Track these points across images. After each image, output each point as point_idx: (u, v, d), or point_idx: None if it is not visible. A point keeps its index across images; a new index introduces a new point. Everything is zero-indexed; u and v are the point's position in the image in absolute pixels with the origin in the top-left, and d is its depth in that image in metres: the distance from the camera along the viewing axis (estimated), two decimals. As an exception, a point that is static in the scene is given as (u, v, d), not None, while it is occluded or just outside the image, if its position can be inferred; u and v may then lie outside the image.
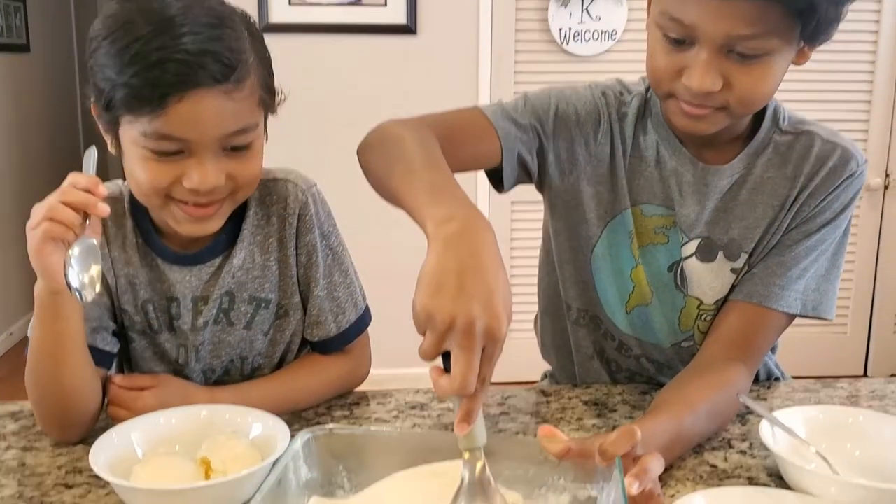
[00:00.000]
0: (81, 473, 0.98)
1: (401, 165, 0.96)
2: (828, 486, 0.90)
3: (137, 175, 1.00)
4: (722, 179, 1.17)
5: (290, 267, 1.15)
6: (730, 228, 1.18)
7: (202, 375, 1.17)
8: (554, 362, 1.46)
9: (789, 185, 1.16)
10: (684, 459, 1.03)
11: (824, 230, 1.15)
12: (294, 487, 0.83)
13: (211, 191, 1.00)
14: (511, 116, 1.17)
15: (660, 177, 1.19)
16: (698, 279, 1.20)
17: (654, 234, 1.20)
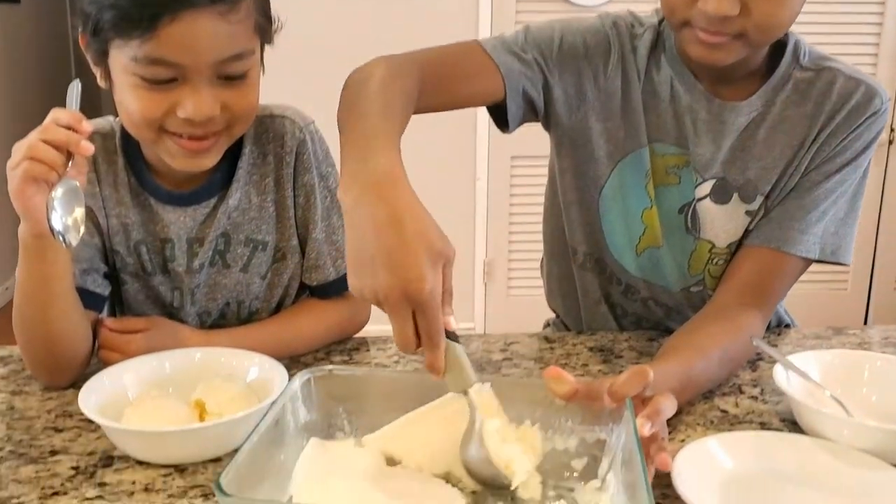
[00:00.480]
0: (72, 417, 0.95)
1: (353, 112, 0.91)
2: (842, 429, 0.87)
3: (129, 106, 0.95)
4: (739, 117, 1.11)
5: (287, 208, 1.11)
6: (746, 169, 1.13)
7: (197, 319, 1.13)
8: (560, 308, 1.43)
9: (809, 123, 1.11)
10: (694, 405, 1.00)
11: (845, 170, 1.11)
12: (292, 429, 0.80)
13: (206, 121, 0.94)
14: (513, 50, 1.11)
15: (673, 114, 1.13)
16: (711, 221, 1.16)
17: (665, 174, 1.16)
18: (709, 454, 0.85)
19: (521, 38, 1.13)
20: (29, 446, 0.89)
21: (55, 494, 0.80)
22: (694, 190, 1.15)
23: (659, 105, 1.14)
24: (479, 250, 3.21)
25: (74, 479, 0.83)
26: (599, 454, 0.80)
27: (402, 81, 0.97)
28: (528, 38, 1.13)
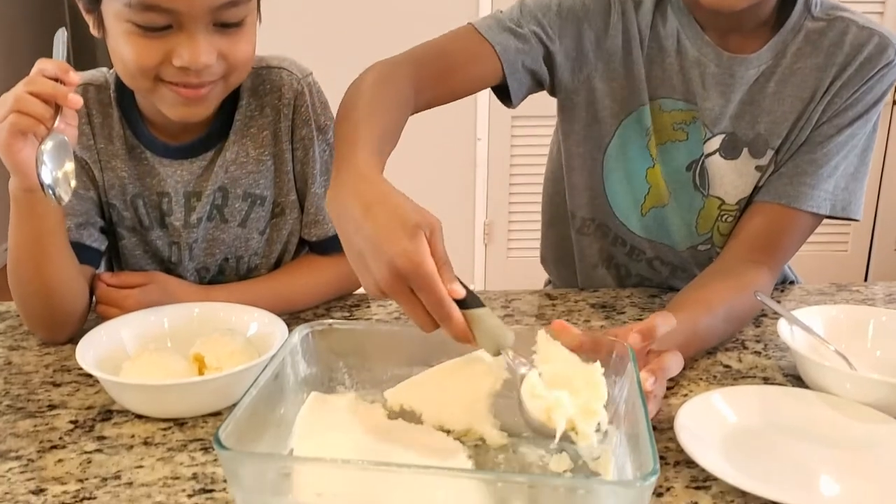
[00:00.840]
0: (70, 372, 0.94)
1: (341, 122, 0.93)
2: (846, 382, 0.87)
3: (124, 54, 0.93)
4: (748, 70, 1.09)
5: (285, 162, 1.10)
6: (756, 123, 1.11)
7: (196, 275, 1.12)
8: (554, 273, 1.42)
9: (820, 76, 1.08)
10: (697, 360, 0.99)
11: (856, 124, 1.09)
12: (292, 383, 0.79)
13: (202, 70, 0.92)
14: (508, 27, 1.08)
15: (680, 68, 1.11)
16: (721, 177, 1.14)
17: (672, 130, 1.14)
18: (712, 408, 0.84)
19: (516, 13, 1.11)
20: (27, 401, 0.88)
21: (54, 448, 0.79)
22: (702, 146, 1.13)
23: (665, 59, 1.12)
24: (479, 212, 3.20)
25: (73, 433, 0.82)
26: (602, 407, 0.79)
27: (392, 86, 0.98)
28: (523, 10, 1.11)
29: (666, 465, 0.78)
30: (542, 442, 0.79)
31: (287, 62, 1.09)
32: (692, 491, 0.74)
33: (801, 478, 0.76)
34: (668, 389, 0.92)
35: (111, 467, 0.76)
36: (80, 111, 1.02)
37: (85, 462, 0.77)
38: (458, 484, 0.64)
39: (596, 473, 0.74)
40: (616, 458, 0.73)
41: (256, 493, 0.63)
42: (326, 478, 0.64)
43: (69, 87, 0.86)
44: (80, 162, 1.04)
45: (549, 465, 0.76)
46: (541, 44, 1.10)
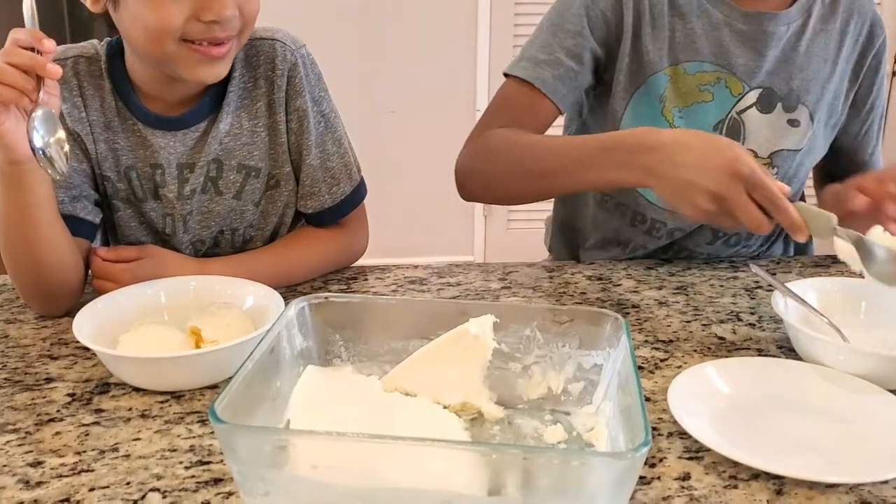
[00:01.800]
0: (67, 345, 0.95)
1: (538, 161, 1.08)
2: (839, 354, 0.87)
3: (147, 19, 0.92)
4: (779, 26, 1.16)
5: (280, 134, 1.09)
6: (791, 79, 1.18)
7: (191, 247, 1.12)
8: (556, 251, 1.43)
9: (839, 39, 1.19)
10: (692, 332, 1.00)
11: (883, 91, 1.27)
12: (288, 356, 0.79)
13: (229, 21, 0.94)
14: (541, 61, 1.15)
15: (703, 31, 1.16)
16: (756, 131, 1.20)
17: (698, 92, 1.18)
18: (706, 380, 0.85)
19: (544, 38, 1.17)
20: (24, 374, 0.89)
21: (51, 421, 0.80)
22: (733, 103, 1.19)
23: (685, 25, 1.16)
24: (477, 183, 3.19)
25: (70, 406, 0.83)
26: (596, 378, 0.79)
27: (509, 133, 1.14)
28: (554, 31, 1.16)
29: (659, 436, 0.78)
30: (537, 413, 0.80)
31: (280, 34, 1.09)
32: (685, 461, 0.74)
33: (793, 448, 0.77)
34: (662, 361, 0.93)
35: (109, 440, 0.77)
36: (71, 83, 1.02)
37: (83, 435, 0.78)
38: (453, 455, 0.64)
39: (590, 445, 0.75)
40: (609, 430, 0.73)
41: (252, 466, 0.64)
42: (322, 450, 0.64)
43: (46, 55, 0.85)
44: (73, 135, 1.04)
45: (544, 436, 0.76)
46: (585, 55, 1.16)
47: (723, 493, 0.70)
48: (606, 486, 0.61)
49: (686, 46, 1.16)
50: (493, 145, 1.14)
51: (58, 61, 1.03)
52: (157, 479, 0.71)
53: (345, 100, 1.29)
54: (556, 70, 1.15)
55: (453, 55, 3.05)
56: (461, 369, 0.79)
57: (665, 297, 1.10)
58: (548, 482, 0.63)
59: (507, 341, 0.80)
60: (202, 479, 0.71)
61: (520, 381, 0.82)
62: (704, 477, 0.72)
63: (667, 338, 0.98)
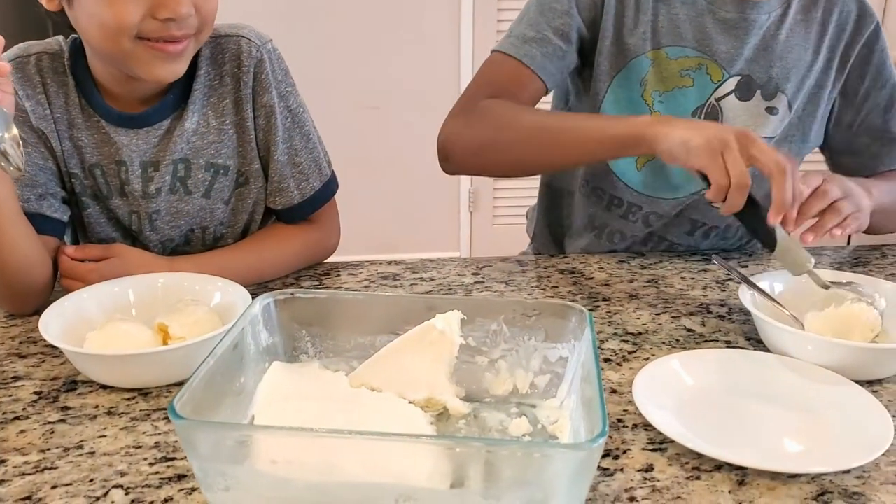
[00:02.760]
0: (36, 343, 0.95)
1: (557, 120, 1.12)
2: (805, 345, 0.88)
3: (103, 16, 0.92)
4: (761, 15, 1.17)
5: (248, 131, 1.09)
6: (770, 67, 1.19)
7: (161, 246, 1.12)
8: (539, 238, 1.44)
9: (820, 30, 1.20)
10: (661, 324, 1.00)
11: None
12: (252, 352, 0.79)
13: (185, 20, 0.94)
14: (529, 38, 1.16)
15: (687, 16, 1.18)
16: (735, 118, 1.21)
17: (679, 77, 1.19)
18: (670, 371, 0.85)
19: (532, 16, 1.18)
20: (-9, 372, 0.89)
21: (17, 419, 0.80)
22: (712, 90, 1.20)
23: (670, 10, 1.18)
24: (463, 179, 3.19)
25: (37, 404, 0.82)
26: (562, 371, 0.80)
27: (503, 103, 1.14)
28: (542, 12, 1.17)
29: (624, 428, 0.79)
30: (502, 406, 0.80)
31: (246, 30, 1.08)
32: (648, 453, 0.75)
33: (757, 439, 0.77)
34: (630, 353, 0.93)
35: (74, 437, 0.77)
36: (35, 80, 1.02)
37: (48, 432, 0.77)
38: (415, 449, 0.64)
39: (553, 437, 0.75)
40: (572, 422, 0.74)
41: (212, 462, 0.64)
42: (281, 445, 0.64)
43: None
44: (38, 132, 1.03)
45: (509, 429, 0.77)
46: (572, 35, 1.17)
47: (685, 484, 0.71)
48: (565, 477, 0.62)
49: (669, 31, 1.18)
50: (490, 115, 1.13)
51: (21, 58, 1.03)
52: (121, 475, 0.71)
53: (328, 96, 1.30)
54: (544, 48, 1.15)
55: (436, 50, 3.05)
56: (427, 365, 0.79)
57: (636, 290, 1.11)
58: (509, 474, 0.63)
59: (474, 335, 0.80)
60: (166, 476, 0.71)
61: (487, 375, 0.82)
62: (667, 468, 0.73)
63: (636, 330, 0.99)
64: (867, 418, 0.77)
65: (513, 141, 1.10)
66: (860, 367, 0.86)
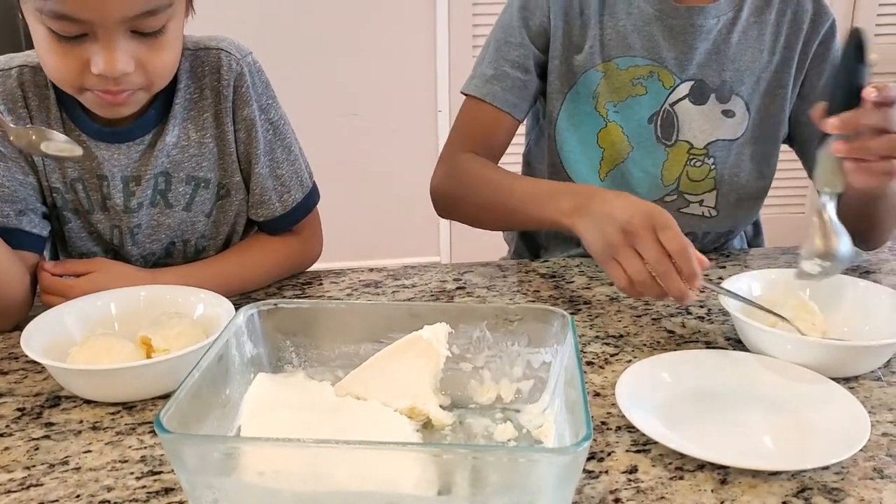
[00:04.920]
0: (17, 360, 0.94)
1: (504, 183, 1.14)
2: (784, 344, 0.89)
3: (45, 61, 0.92)
4: (708, 19, 1.18)
5: (228, 144, 1.09)
6: (722, 71, 1.20)
7: (142, 260, 1.12)
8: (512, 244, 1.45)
9: (774, 31, 1.20)
10: (642, 326, 1.01)
11: None
12: (238, 364, 0.79)
13: (120, 78, 0.91)
14: (489, 76, 1.22)
15: (633, 26, 1.19)
16: (690, 122, 1.22)
17: (631, 86, 1.20)
18: (653, 373, 0.86)
19: (491, 54, 1.23)
20: (-27, 390, 0.88)
21: (0, 436, 0.79)
22: (666, 96, 1.21)
23: (617, 22, 1.19)
24: (441, 183, 3.20)
25: (20, 421, 0.82)
26: (545, 376, 0.80)
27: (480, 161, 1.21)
28: (499, 46, 1.23)
29: (608, 431, 0.79)
30: (487, 412, 0.81)
31: (225, 42, 1.08)
32: (632, 454, 0.76)
33: (738, 439, 0.78)
34: (612, 356, 0.94)
35: (59, 453, 0.76)
36: (16, 94, 1.02)
37: (32, 449, 0.77)
38: (401, 457, 0.65)
39: (538, 441, 0.76)
40: (557, 426, 0.75)
41: (200, 474, 0.64)
42: (268, 456, 0.65)
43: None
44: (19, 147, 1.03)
45: (494, 434, 0.77)
46: (528, 63, 1.22)
47: (669, 484, 0.72)
48: (551, 481, 0.62)
49: (618, 43, 1.20)
50: (461, 173, 1.22)
51: (2, 71, 1.02)
52: (108, 490, 0.71)
53: (306, 103, 1.31)
54: (504, 83, 1.21)
55: (413, 56, 3.06)
56: (413, 375, 0.80)
57: (616, 293, 1.12)
58: (495, 479, 0.63)
59: (457, 343, 0.81)
60: (153, 490, 0.71)
61: (472, 382, 0.82)
62: (651, 469, 0.74)
63: (617, 333, 1.00)
64: (845, 415, 0.78)
65: (475, 204, 1.20)
66: (837, 365, 0.87)
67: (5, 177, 1.02)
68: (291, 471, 0.64)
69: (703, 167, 1.24)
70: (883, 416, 0.81)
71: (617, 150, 1.24)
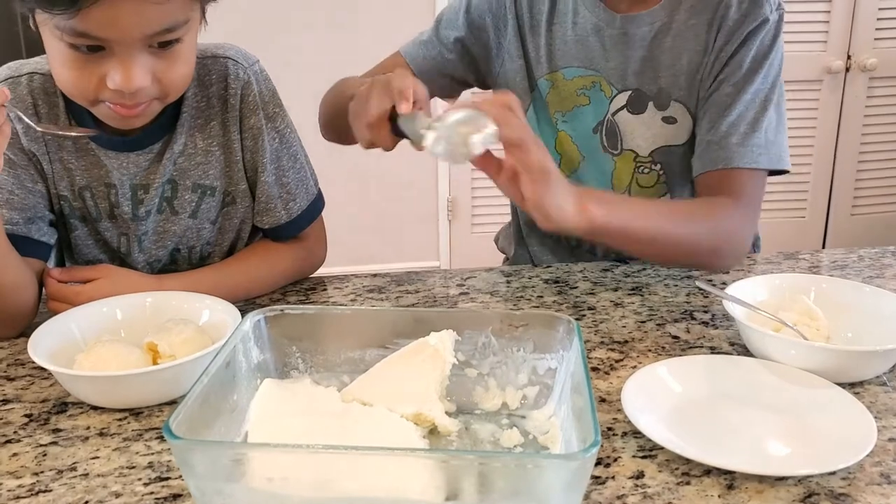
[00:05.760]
0: (24, 366, 0.94)
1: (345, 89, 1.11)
2: (788, 349, 0.89)
3: (61, 76, 0.93)
4: (641, 27, 1.16)
5: (234, 152, 1.09)
6: (658, 78, 1.18)
7: (148, 267, 1.12)
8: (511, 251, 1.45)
9: (708, 30, 1.16)
10: (646, 332, 1.02)
11: (755, 80, 1.14)
12: (244, 370, 0.80)
13: (137, 92, 0.92)
14: (420, 41, 1.25)
15: (577, 37, 1.19)
16: (631, 132, 1.21)
17: (576, 96, 1.21)
18: (658, 379, 0.86)
19: (433, 26, 1.25)
20: (-20, 396, 0.88)
21: (8, 442, 0.79)
22: (608, 106, 1.20)
23: (565, 32, 1.20)
24: (441, 188, 3.20)
25: (28, 427, 0.82)
26: (551, 382, 0.81)
27: None
28: (442, 21, 1.25)
29: (614, 437, 0.80)
30: (493, 418, 0.81)
31: (233, 51, 1.09)
32: (639, 460, 0.76)
33: (745, 444, 0.79)
34: (617, 362, 0.94)
35: (67, 459, 0.77)
36: (27, 101, 1.02)
37: (40, 455, 0.77)
38: (409, 463, 0.65)
39: (545, 447, 0.76)
40: (563, 432, 0.75)
41: (209, 480, 0.64)
42: (277, 462, 0.65)
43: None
44: (28, 154, 1.03)
45: (500, 440, 0.78)
46: (454, 44, 1.23)
47: (675, 489, 0.72)
48: (559, 487, 0.63)
49: (563, 53, 1.20)
50: (329, 92, 1.23)
51: (12, 78, 1.03)
52: (116, 496, 0.71)
53: (307, 108, 1.31)
54: (429, 51, 1.24)
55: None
56: (419, 381, 0.80)
57: (620, 299, 1.12)
58: (502, 485, 0.64)
59: (463, 349, 0.81)
60: (161, 496, 0.72)
61: (477, 388, 0.83)
62: (658, 474, 0.74)
63: (622, 338, 1.00)
64: (850, 420, 0.78)
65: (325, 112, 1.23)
66: (842, 370, 0.87)
67: (14, 185, 1.02)
68: (300, 477, 0.64)
69: (651, 174, 1.23)
70: (889, 422, 0.82)
71: (570, 158, 1.26)
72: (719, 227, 1.09)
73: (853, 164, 3.39)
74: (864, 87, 3.28)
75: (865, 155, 3.38)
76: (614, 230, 0.98)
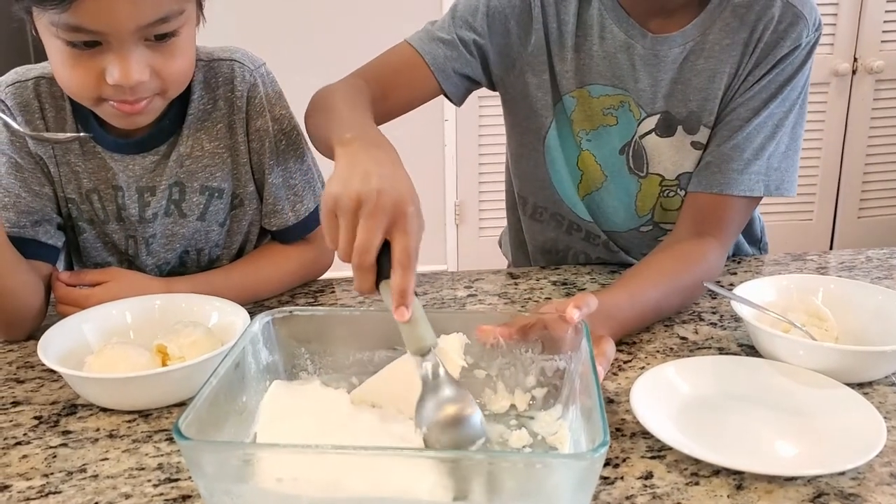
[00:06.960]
0: (34, 368, 0.95)
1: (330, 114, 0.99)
2: (797, 350, 0.89)
3: (61, 74, 0.93)
4: (672, 49, 1.10)
5: (241, 154, 1.10)
6: (688, 101, 1.12)
7: (156, 269, 1.12)
8: (510, 256, 1.45)
9: (743, 50, 1.09)
10: (655, 333, 1.01)
11: (771, 105, 1.08)
12: (253, 371, 0.80)
13: (136, 86, 0.91)
14: (437, 37, 1.14)
15: (605, 53, 1.12)
16: (659, 155, 1.16)
17: (602, 115, 1.16)
18: (667, 380, 0.86)
19: (447, 21, 1.16)
20: (-10, 398, 0.89)
21: (18, 444, 0.80)
22: (635, 128, 1.15)
23: (591, 47, 1.13)
24: (449, 192, 3.21)
25: (38, 429, 0.83)
26: (559, 383, 0.81)
27: (360, 95, 1.05)
28: (455, 16, 1.16)
29: (623, 437, 0.80)
30: (501, 419, 0.81)
31: (238, 54, 1.09)
32: (647, 460, 0.76)
33: (753, 444, 0.79)
34: (625, 363, 0.94)
35: (76, 461, 0.77)
36: (33, 106, 1.03)
37: (50, 457, 0.78)
38: (417, 464, 0.65)
39: (553, 448, 0.76)
40: (572, 433, 0.75)
41: (218, 481, 0.64)
42: (286, 463, 0.65)
43: None
44: (35, 158, 1.04)
45: (509, 441, 0.77)
46: (472, 45, 1.14)
47: (684, 490, 0.72)
48: (569, 487, 0.63)
49: (590, 69, 1.14)
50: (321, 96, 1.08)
51: (19, 83, 1.03)
52: (126, 497, 0.72)
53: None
54: (450, 51, 1.13)
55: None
56: None
57: (628, 300, 1.12)
58: (511, 485, 0.64)
59: (471, 351, 0.81)
60: (170, 497, 0.72)
61: (486, 390, 0.83)
62: (667, 475, 0.74)
63: (630, 339, 1.00)
64: (859, 420, 0.78)
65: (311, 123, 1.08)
66: (850, 370, 0.87)
67: (22, 188, 1.03)
68: (309, 478, 0.64)
69: (675, 197, 1.18)
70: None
71: (592, 177, 1.21)
72: (704, 277, 1.05)
73: (860, 166, 3.39)
74: (870, 89, 3.26)
75: (872, 157, 3.37)
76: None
